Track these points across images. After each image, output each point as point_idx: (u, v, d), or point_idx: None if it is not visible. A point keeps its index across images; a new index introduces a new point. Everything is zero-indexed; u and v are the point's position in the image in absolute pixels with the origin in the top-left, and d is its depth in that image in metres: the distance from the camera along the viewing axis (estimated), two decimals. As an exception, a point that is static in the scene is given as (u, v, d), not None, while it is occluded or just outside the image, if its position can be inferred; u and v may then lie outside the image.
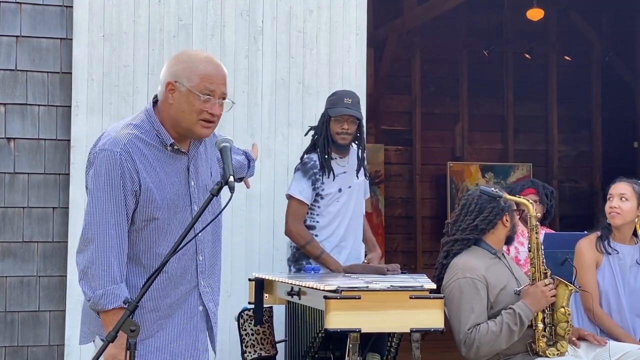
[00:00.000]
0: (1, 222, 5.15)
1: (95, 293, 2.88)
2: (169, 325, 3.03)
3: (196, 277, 3.08)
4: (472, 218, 4.28)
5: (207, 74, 2.94)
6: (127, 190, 2.92)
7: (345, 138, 4.85)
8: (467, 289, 4.08)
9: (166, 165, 3.00)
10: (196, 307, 3.09)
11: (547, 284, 4.07)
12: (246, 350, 4.57)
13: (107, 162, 2.92)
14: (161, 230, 2.99)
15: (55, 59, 5.27)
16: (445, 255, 4.30)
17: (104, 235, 2.90)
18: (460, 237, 4.27)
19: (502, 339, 4.00)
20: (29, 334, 5.15)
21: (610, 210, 4.65)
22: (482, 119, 10.80)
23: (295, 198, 4.84)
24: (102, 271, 2.88)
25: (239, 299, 5.15)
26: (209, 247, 3.12)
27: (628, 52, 10.76)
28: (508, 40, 10.72)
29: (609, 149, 11.01)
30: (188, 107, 2.94)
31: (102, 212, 2.91)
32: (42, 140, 5.22)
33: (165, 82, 2.97)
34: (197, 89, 2.93)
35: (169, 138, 2.98)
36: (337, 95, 4.92)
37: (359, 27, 5.71)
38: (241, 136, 5.36)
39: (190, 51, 3.18)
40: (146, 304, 2.97)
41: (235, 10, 5.51)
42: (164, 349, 3.02)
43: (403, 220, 10.52)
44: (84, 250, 2.93)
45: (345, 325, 3.58)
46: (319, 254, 4.80)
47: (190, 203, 3.03)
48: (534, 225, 4.21)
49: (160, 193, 2.96)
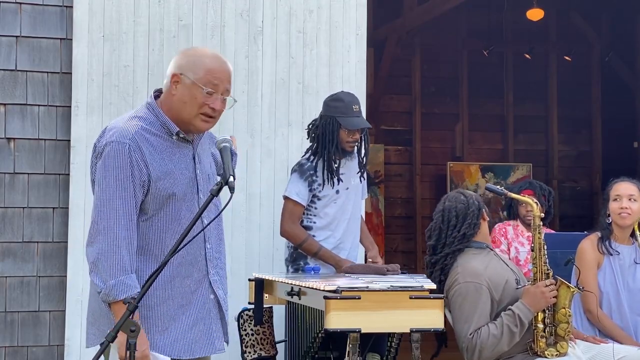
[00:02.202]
0: (1, 222, 5.15)
1: (106, 284, 2.89)
2: (183, 315, 3.06)
3: (205, 266, 3.12)
4: (458, 229, 4.25)
5: (212, 69, 2.99)
6: (135, 181, 2.95)
7: (352, 146, 4.87)
8: (469, 294, 4.07)
9: (174, 154, 3.03)
10: (208, 296, 3.12)
11: (548, 285, 4.07)
12: (246, 351, 4.57)
13: (116, 153, 2.95)
14: (171, 220, 3.02)
15: (55, 59, 5.27)
16: (440, 272, 4.25)
17: (114, 226, 2.91)
18: (450, 250, 4.23)
19: (504, 341, 3.99)
20: (29, 334, 5.15)
21: (621, 210, 4.64)
22: (482, 119, 10.79)
23: (291, 199, 4.85)
24: (112, 262, 2.90)
25: (239, 299, 5.14)
26: (215, 236, 3.16)
27: (628, 52, 10.76)
28: (508, 40, 10.71)
29: (609, 149, 11.01)
30: (190, 99, 2.98)
31: (111, 203, 2.93)
32: (42, 140, 5.22)
33: (170, 74, 3.01)
34: (201, 82, 2.97)
35: (175, 127, 3.01)
36: (344, 102, 4.83)
37: (359, 27, 5.71)
38: (241, 136, 5.36)
39: (197, 47, 3.28)
40: (159, 295, 2.98)
41: (235, 10, 5.51)
42: (181, 339, 3.05)
43: (403, 220, 10.52)
44: (93, 242, 2.94)
45: (345, 325, 3.58)
46: (316, 251, 4.80)
47: (197, 191, 3.07)
48: (537, 224, 4.21)
49: (169, 182, 3.00)
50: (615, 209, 4.67)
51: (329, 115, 4.83)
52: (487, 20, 10.71)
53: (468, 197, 4.29)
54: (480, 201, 4.32)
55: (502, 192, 4.35)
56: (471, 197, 4.31)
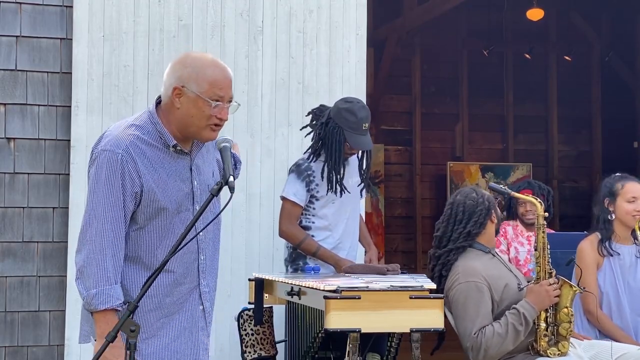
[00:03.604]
0: (1, 222, 5.15)
1: (88, 292, 2.90)
2: (170, 324, 3.04)
3: (197, 277, 3.08)
4: (463, 225, 4.26)
5: (216, 80, 2.93)
6: (126, 191, 2.93)
7: (352, 154, 4.89)
8: (471, 293, 4.07)
9: (168, 165, 3.00)
10: (196, 307, 3.09)
11: (552, 284, 4.07)
12: (246, 350, 4.57)
13: (108, 162, 2.92)
14: (163, 230, 2.99)
15: (55, 59, 5.27)
16: (442, 267, 4.27)
17: (100, 235, 2.90)
18: (454, 246, 4.24)
19: (509, 340, 3.99)
20: (29, 334, 5.15)
21: (636, 213, 4.62)
22: (482, 119, 10.80)
23: (289, 200, 4.85)
24: (96, 271, 2.89)
25: (239, 299, 5.15)
26: (210, 247, 3.13)
27: (628, 52, 10.76)
28: (508, 40, 10.72)
29: (609, 149, 11.01)
30: (197, 112, 2.94)
31: (99, 212, 2.91)
32: (42, 140, 5.22)
33: (171, 87, 2.95)
34: (206, 95, 2.92)
35: (172, 139, 2.98)
36: (356, 118, 4.74)
37: (359, 27, 5.71)
38: (241, 136, 5.36)
39: (194, 54, 3.15)
40: (149, 303, 2.98)
41: (235, 10, 5.51)
42: (166, 348, 3.03)
43: (403, 220, 10.52)
44: (81, 250, 2.95)
45: (345, 325, 3.58)
46: (315, 251, 4.80)
47: (192, 203, 3.04)
48: (541, 224, 4.21)
49: (162, 193, 2.97)
50: (630, 211, 4.64)
51: (338, 125, 4.78)
52: (487, 20, 10.71)
53: (479, 196, 4.29)
54: (492, 202, 4.29)
55: (506, 191, 4.36)
56: (482, 195, 4.29)
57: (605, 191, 4.76)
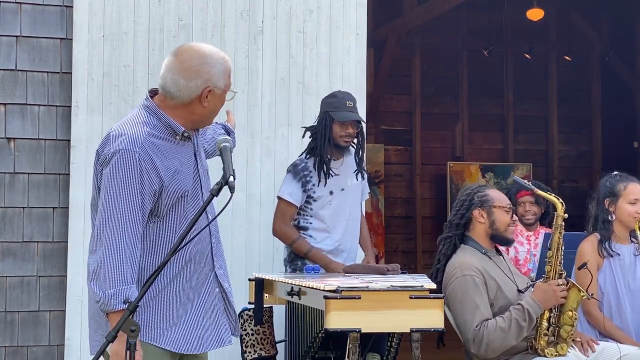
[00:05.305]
0: (1, 222, 5.15)
1: (106, 293, 2.86)
2: (191, 310, 3.06)
3: (212, 260, 3.12)
4: (453, 214, 4.35)
5: (228, 70, 3.07)
6: (145, 191, 2.92)
7: (347, 141, 4.88)
8: (468, 286, 4.07)
9: (179, 154, 3.04)
10: (213, 289, 3.13)
11: (560, 284, 4.07)
12: (246, 350, 4.57)
13: (125, 162, 2.91)
14: (181, 218, 3.02)
15: (55, 59, 5.27)
16: (438, 260, 4.31)
17: (118, 236, 2.88)
18: (452, 233, 4.31)
19: (512, 335, 3.99)
20: (29, 334, 5.15)
21: (638, 215, 4.60)
22: (482, 119, 10.80)
23: (284, 199, 4.86)
24: (113, 272, 2.87)
25: (239, 299, 5.13)
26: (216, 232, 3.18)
27: (628, 52, 10.76)
28: (508, 40, 10.72)
29: (609, 149, 11.01)
30: (220, 104, 3.07)
31: (116, 213, 2.89)
32: (42, 140, 5.22)
33: (199, 89, 2.98)
34: (228, 86, 3.06)
35: (180, 127, 3.01)
36: (337, 97, 4.90)
37: (359, 27, 5.71)
38: (241, 136, 5.35)
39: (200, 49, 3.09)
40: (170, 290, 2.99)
41: (235, 10, 5.51)
42: (191, 334, 3.05)
43: (403, 220, 10.52)
44: (96, 250, 2.91)
45: (345, 325, 3.58)
46: (306, 252, 4.82)
47: (200, 187, 3.08)
48: (559, 224, 4.21)
49: (179, 183, 3.01)
50: (632, 212, 4.62)
51: (323, 111, 4.90)
52: (487, 20, 10.71)
53: (470, 189, 4.34)
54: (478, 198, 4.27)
55: (530, 187, 4.40)
56: (473, 190, 4.31)
57: (606, 191, 4.71)
